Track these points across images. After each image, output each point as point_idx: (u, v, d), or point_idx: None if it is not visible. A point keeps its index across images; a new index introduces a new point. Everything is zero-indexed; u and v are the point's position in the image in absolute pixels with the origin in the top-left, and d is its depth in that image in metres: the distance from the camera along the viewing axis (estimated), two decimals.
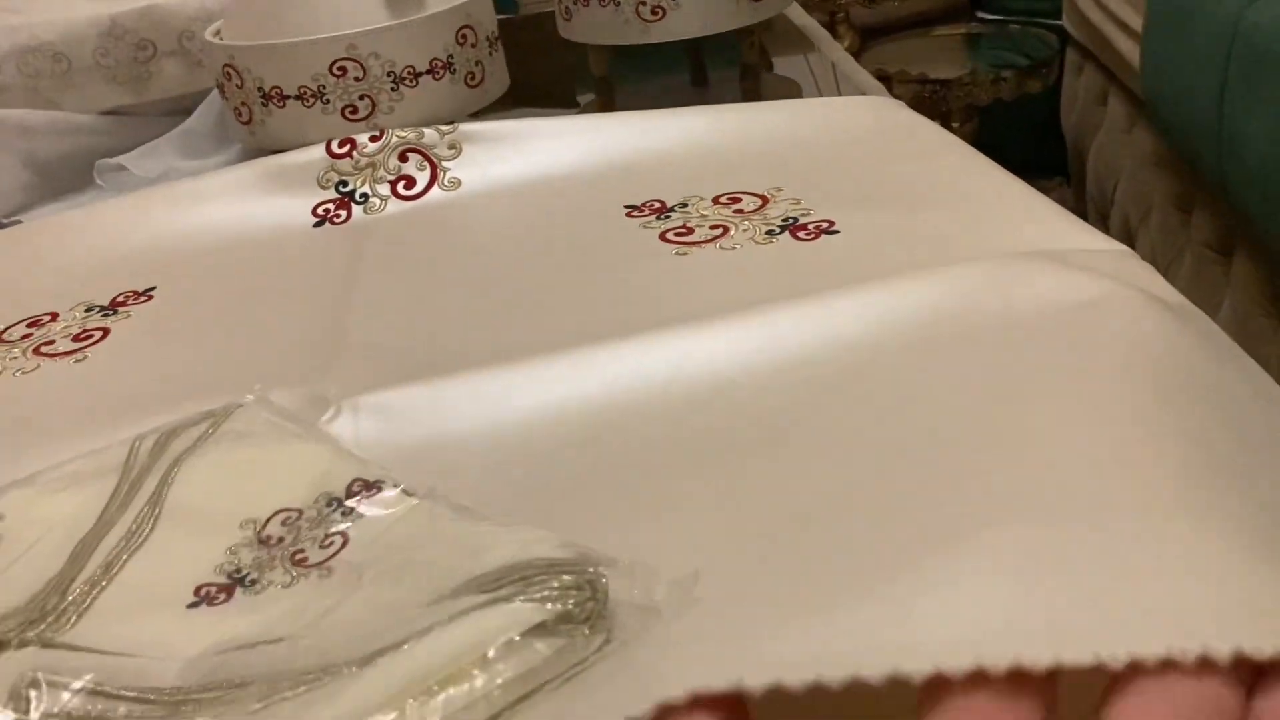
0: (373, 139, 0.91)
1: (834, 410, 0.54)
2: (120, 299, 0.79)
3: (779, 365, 0.58)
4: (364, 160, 0.91)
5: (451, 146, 0.91)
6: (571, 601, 0.39)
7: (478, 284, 0.75)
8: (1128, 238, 1.43)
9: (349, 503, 0.49)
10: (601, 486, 0.52)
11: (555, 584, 0.40)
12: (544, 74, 1.33)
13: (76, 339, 0.74)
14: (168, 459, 0.53)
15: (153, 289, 0.80)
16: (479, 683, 0.37)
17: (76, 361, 0.72)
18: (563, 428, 0.57)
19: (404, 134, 0.91)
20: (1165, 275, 0.61)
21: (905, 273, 0.63)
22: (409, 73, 0.96)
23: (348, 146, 0.91)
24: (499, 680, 0.37)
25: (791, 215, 0.75)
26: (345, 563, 0.45)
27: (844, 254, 0.69)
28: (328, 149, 0.91)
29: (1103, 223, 1.35)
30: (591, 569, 0.41)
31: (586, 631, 0.40)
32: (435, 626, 0.38)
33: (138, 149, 1.05)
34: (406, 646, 0.38)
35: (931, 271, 0.62)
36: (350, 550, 0.46)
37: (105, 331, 0.75)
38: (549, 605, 0.39)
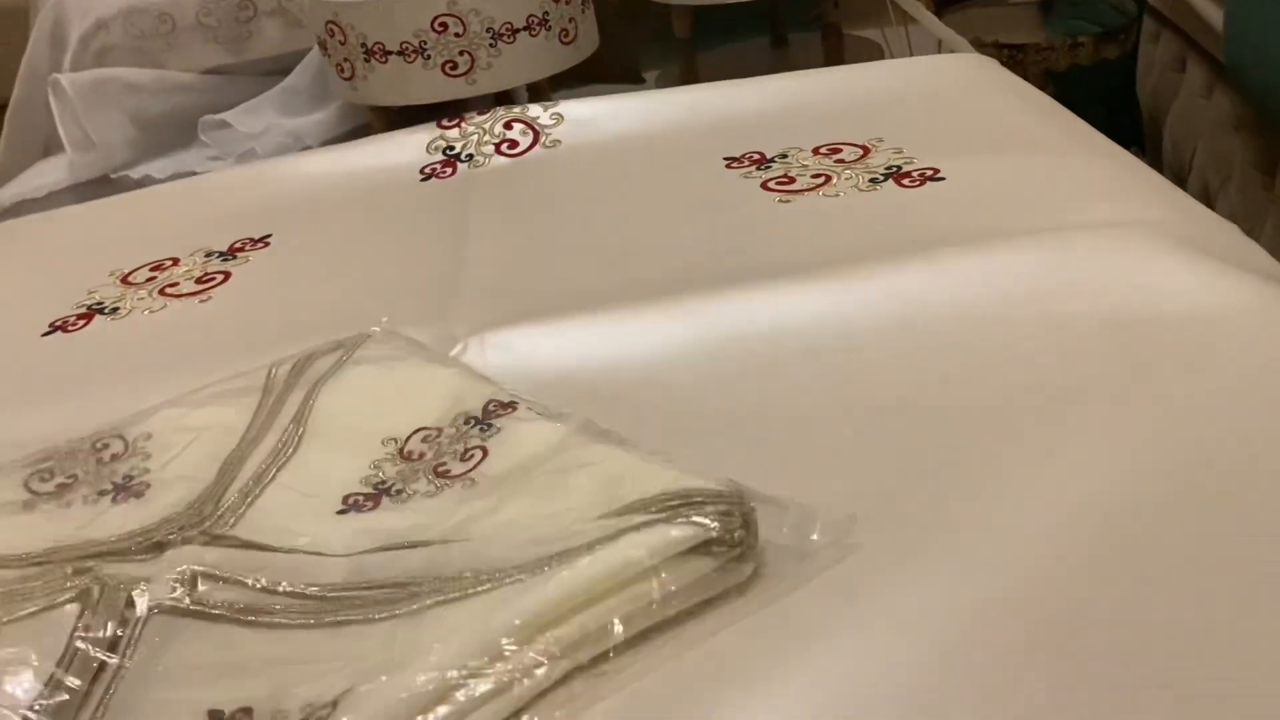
0: (480, 113, 0.95)
1: (950, 371, 0.55)
2: (238, 245, 0.82)
3: (895, 321, 0.59)
4: (470, 129, 0.93)
5: (553, 117, 0.93)
6: (723, 527, 0.40)
7: (582, 232, 0.76)
8: (1206, 203, 1.42)
9: (487, 420, 0.51)
10: (712, 428, 0.54)
11: (710, 509, 0.41)
12: (624, 39, 1.35)
13: (199, 281, 0.77)
14: (307, 382, 0.55)
15: (269, 236, 0.83)
16: (651, 593, 0.39)
17: (201, 302, 0.75)
18: (675, 369, 0.59)
19: (511, 109, 0.94)
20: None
21: (1018, 231, 0.63)
22: (507, 29, 0.98)
23: (456, 121, 0.95)
24: (669, 590, 0.39)
25: (894, 164, 0.76)
26: (486, 476, 0.47)
27: (951, 201, 0.70)
28: (438, 124, 0.94)
29: (1180, 188, 1.33)
30: (744, 502, 0.42)
31: (738, 558, 0.41)
32: (602, 541, 0.40)
33: (239, 106, 1.08)
34: (584, 560, 0.39)
35: (1044, 235, 0.62)
36: (490, 463, 0.48)
37: (226, 275, 0.78)
38: (708, 524, 0.40)
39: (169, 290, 0.77)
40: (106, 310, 0.75)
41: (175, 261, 0.81)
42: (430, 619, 0.40)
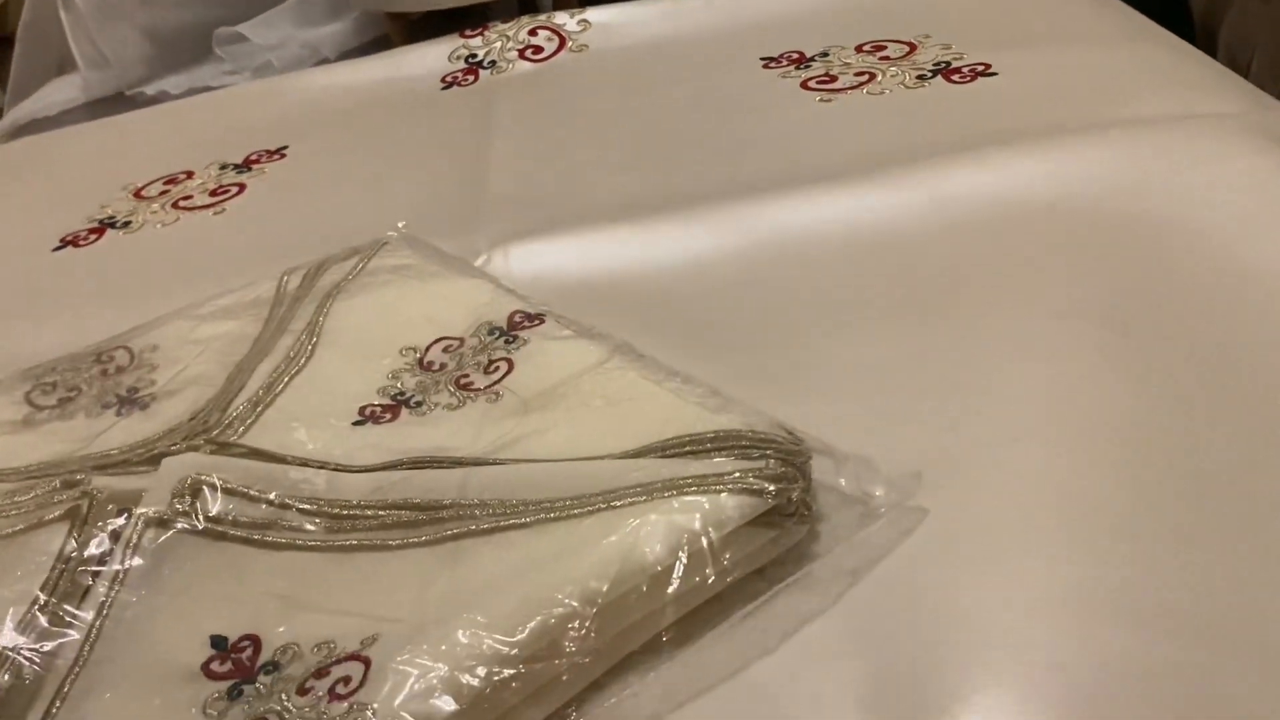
0: (504, 22, 0.90)
1: (999, 277, 0.50)
2: (254, 157, 0.79)
3: (943, 225, 0.55)
4: (494, 36, 0.89)
5: (580, 24, 0.89)
6: (780, 492, 0.36)
7: (612, 137, 0.72)
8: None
9: (512, 332, 0.47)
10: (750, 340, 0.50)
11: (762, 460, 0.37)
12: None
13: (214, 194, 0.74)
14: (320, 290, 0.52)
15: (285, 147, 0.79)
16: (705, 569, 0.34)
17: (215, 214, 0.72)
18: (710, 275, 0.55)
19: (536, 17, 0.90)
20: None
21: (1078, 127, 0.59)
22: None
23: (480, 30, 0.90)
24: (723, 564, 0.35)
25: (943, 59, 0.71)
26: (513, 392, 0.44)
27: (1005, 96, 0.65)
28: (460, 34, 0.90)
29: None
30: (801, 452, 0.38)
31: (793, 523, 0.37)
32: (655, 490, 0.35)
33: (255, 18, 1.04)
34: (632, 522, 0.35)
35: (1108, 131, 0.58)
36: (516, 378, 0.45)
37: (241, 187, 0.75)
38: (766, 490, 0.35)
39: (182, 203, 0.74)
40: (118, 224, 0.72)
41: (189, 175, 0.78)
42: (463, 556, 0.36)
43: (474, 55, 0.88)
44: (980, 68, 0.69)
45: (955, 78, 0.69)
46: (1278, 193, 0.50)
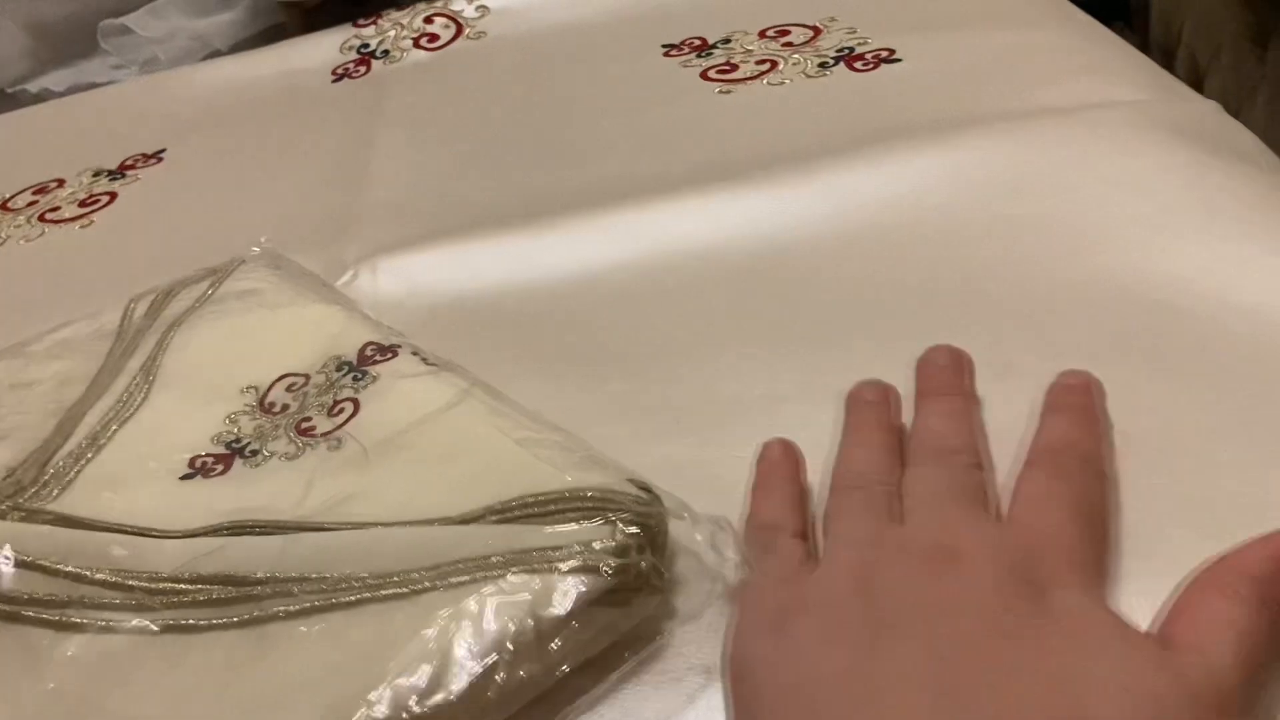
0: (399, 8, 0.86)
1: (905, 283, 0.47)
2: (129, 162, 0.74)
3: (845, 228, 0.51)
4: (388, 25, 0.85)
5: (479, 9, 0.85)
6: (622, 569, 0.32)
7: (505, 134, 0.69)
8: (1196, 78, 1.33)
9: (362, 367, 0.43)
10: (631, 367, 0.47)
11: (603, 535, 0.33)
12: None
13: (83, 204, 0.70)
14: (165, 321, 0.48)
15: (162, 151, 0.75)
16: (530, 658, 0.31)
17: (83, 227, 0.67)
18: (596, 290, 0.52)
19: (432, 3, 0.85)
20: (1239, 114, 0.55)
21: (981, 118, 0.56)
22: None
23: (373, 19, 0.86)
24: (554, 646, 0.31)
25: (847, 45, 0.68)
26: (355, 437, 0.40)
27: (906, 86, 0.62)
28: (354, 24, 0.86)
29: (1168, 63, 1.25)
30: (653, 514, 0.34)
31: (641, 597, 0.33)
32: (476, 579, 0.32)
33: (142, 8, 0.98)
34: (459, 589, 0.31)
35: (1011, 123, 0.55)
36: (361, 421, 0.41)
37: (112, 196, 0.70)
38: (604, 569, 0.32)
39: (49, 216, 0.69)
40: None
41: (60, 183, 0.73)
42: (275, 643, 0.32)
43: (366, 45, 0.84)
44: (884, 54, 0.65)
45: (858, 65, 0.65)
46: (1179, 193, 0.47)
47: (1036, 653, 0.28)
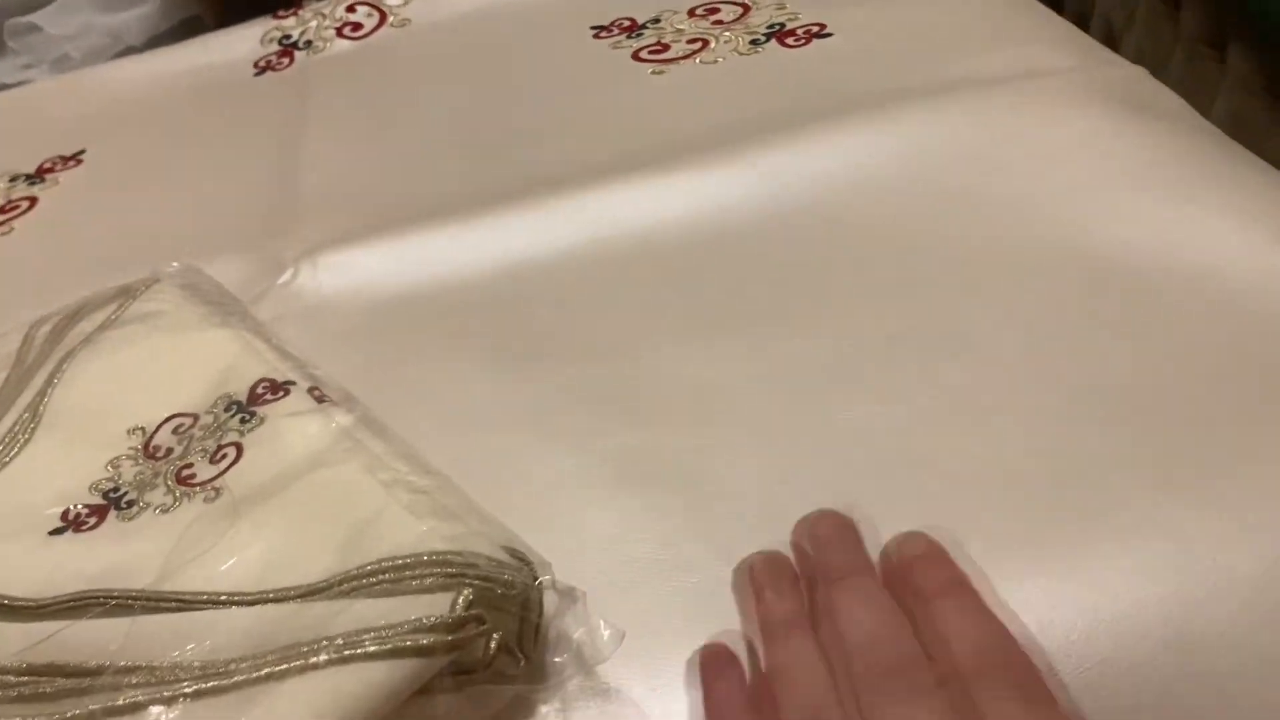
0: None
1: (837, 269, 0.48)
2: (47, 165, 0.72)
3: (781, 208, 0.52)
4: (309, 15, 0.83)
5: None
6: (453, 639, 0.31)
7: (435, 122, 0.68)
8: (1111, 41, 1.34)
9: (251, 407, 0.42)
10: (583, 340, 0.47)
11: (440, 613, 0.31)
12: None
13: (3, 211, 0.68)
14: (64, 348, 0.46)
15: (81, 152, 0.73)
16: None
17: (2, 235, 0.65)
18: (537, 279, 0.51)
19: None
20: (1155, 75, 0.56)
21: (912, 92, 0.56)
22: None
23: (294, 9, 0.84)
24: None
25: (777, 21, 0.68)
26: (232, 488, 0.38)
27: (837, 60, 0.62)
28: (274, 15, 0.84)
29: (1083, 25, 1.26)
30: (512, 588, 0.32)
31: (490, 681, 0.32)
32: (292, 669, 0.30)
33: (51, 5, 0.96)
34: (287, 684, 0.30)
35: (940, 97, 0.55)
36: (243, 466, 0.39)
37: (32, 201, 0.68)
38: (437, 651, 0.30)
39: None
40: None
41: None
42: None
43: (288, 36, 0.82)
44: (815, 28, 0.66)
45: (790, 41, 0.65)
46: (1114, 159, 0.48)
47: None
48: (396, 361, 0.47)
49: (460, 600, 0.31)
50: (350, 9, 0.83)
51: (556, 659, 0.33)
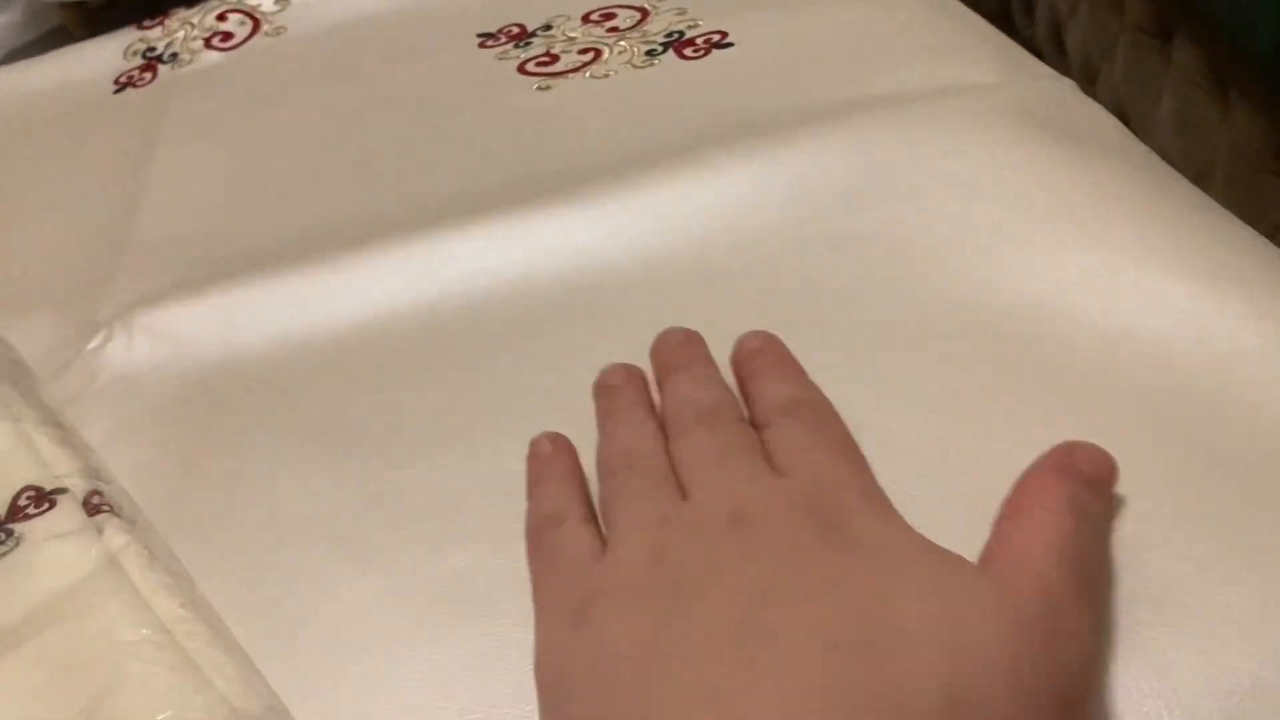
0: (189, 4, 0.77)
1: (737, 312, 0.41)
2: None
3: (670, 249, 0.45)
4: (176, 25, 0.76)
5: (278, 2, 0.76)
6: None
7: (302, 145, 0.61)
8: (1055, 32, 1.29)
9: (9, 524, 0.35)
10: (438, 418, 0.41)
11: None
12: None
13: None
14: None
15: None
16: None
17: None
18: (390, 339, 0.45)
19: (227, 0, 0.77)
20: (1100, 68, 0.50)
21: (816, 112, 0.50)
22: None
23: (159, 19, 0.77)
24: None
25: (676, 29, 0.61)
26: None
27: (737, 74, 0.56)
28: (138, 25, 0.77)
29: (1028, 16, 1.21)
30: None
31: None
32: None
33: None
34: None
35: (846, 117, 0.49)
36: None
37: None
38: None
39: None
40: None
41: None
42: None
43: (153, 49, 0.75)
44: (716, 37, 0.59)
45: (688, 51, 0.59)
46: (1031, 193, 0.42)
47: (843, 575, 0.27)
48: (202, 451, 0.41)
49: None
50: (221, 17, 0.75)
51: None
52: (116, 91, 0.72)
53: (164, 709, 0.28)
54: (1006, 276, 0.39)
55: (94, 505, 0.35)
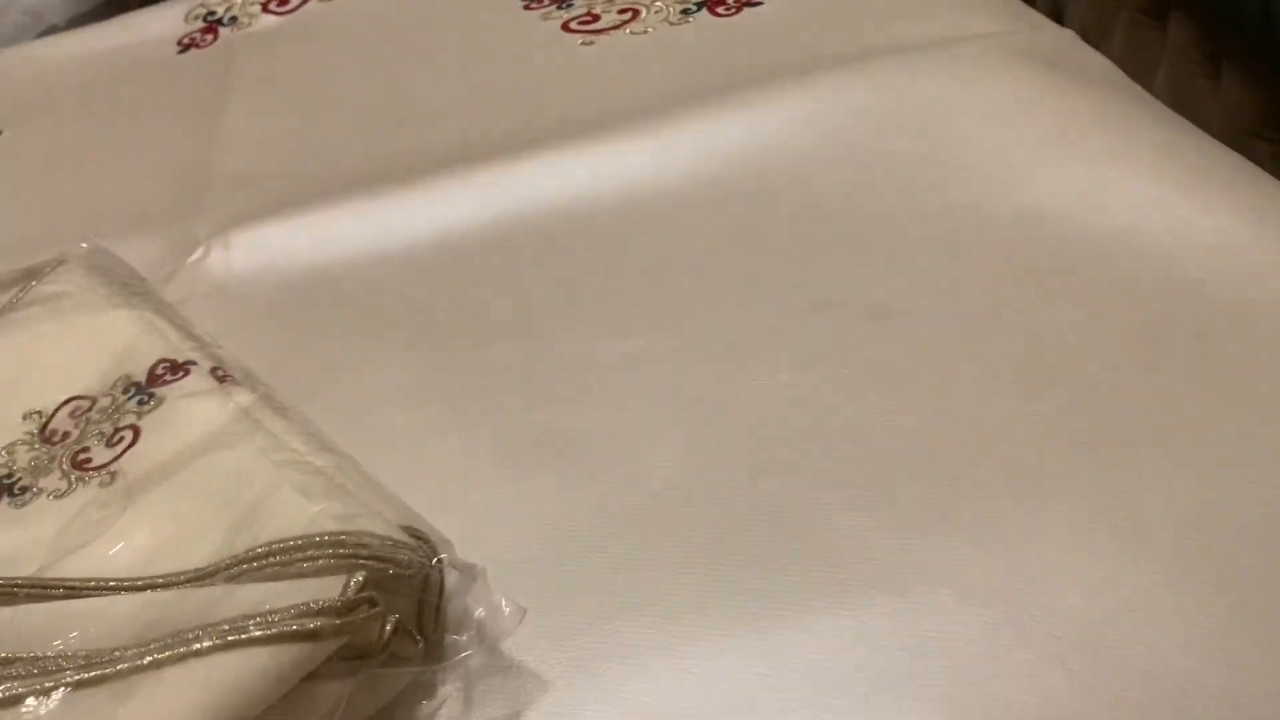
0: None
1: (768, 243, 0.46)
2: None
3: (712, 181, 0.50)
4: None
5: None
6: (342, 623, 0.30)
7: (361, 96, 0.66)
8: (1055, 10, 1.34)
9: (150, 388, 0.40)
10: (506, 316, 0.46)
11: (330, 597, 0.30)
12: None
13: None
14: None
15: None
16: None
17: None
18: (453, 256, 0.50)
19: None
20: (1098, 44, 0.55)
21: (844, 60, 0.55)
22: None
23: None
24: None
25: None
26: (128, 472, 0.37)
27: (769, 29, 0.61)
28: None
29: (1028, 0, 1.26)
30: (409, 568, 0.31)
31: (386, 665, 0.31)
32: (176, 655, 0.29)
33: None
34: (168, 672, 0.29)
35: (872, 64, 0.54)
36: (139, 449, 0.37)
37: None
38: (319, 633, 0.29)
39: None
40: None
41: None
42: None
43: (212, 13, 0.80)
44: None
45: (720, 10, 0.64)
46: (1044, 123, 0.47)
47: None
48: (305, 342, 0.46)
49: (352, 583, 0.30)
50: None
51: (457, 638, 0.32)
52: (180, 52, 0.77)
53: (318, 504, 0.32)
54: (1019, 189, 0.45)
55: (220, 375, 0.40)
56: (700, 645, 0.32)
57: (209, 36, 0.78)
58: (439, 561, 0.32)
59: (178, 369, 0.40)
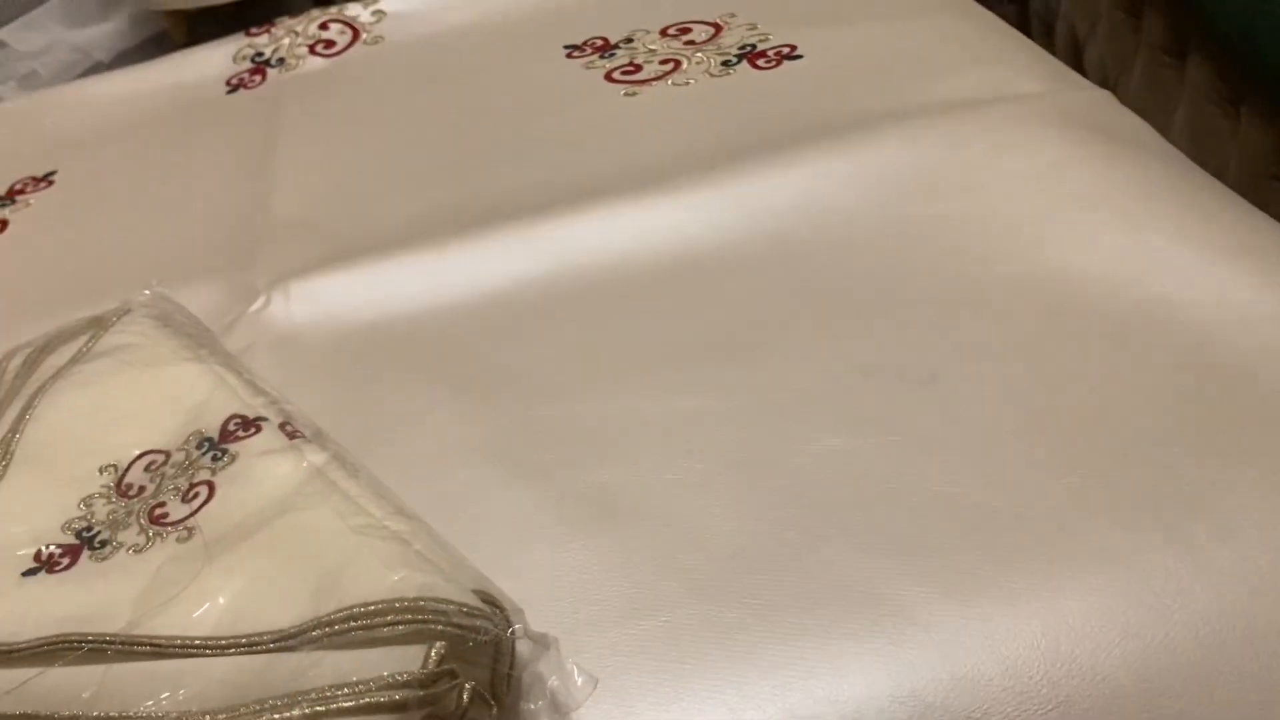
0: (293, 16, 0.84)
1: (811, 299, 0.48)
2: (18, 186, 0.72)
3: (750, 235, 0.52)
4: (281, 33, 0.83)
5: (375, 14, 0.83)
6: (425, 694, 0.31)
7: (408, 143, 0.68)
8: (1075, 49, 1.36)
9: (223, 444, 0.41)
10: (554, 371, 0.47)
11: (412, 670, 0.31)
12: None
13: None
14: (35, 383, 0.46)
15: (53, 173, 0.72)
16: None
17: None
18: (506, 309, 0.52)
19: (327, 10, 0.84)
20: (1117, 83, 0.57)
21: (881, 116, 0.57)
22: None
23: (266, 27, 0.84)
24: None
25: (749, 42, 0.68)
26: (204, 528, 0.38)
27: (808, 83, 0.63)
28: (246, 32, 0.84)
29: (1047, 37, 1.28)
30: (483, 634, 0.32)
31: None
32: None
33: (16, 21, 0.95)
34: None
35: (909, 122, 0.55)
36: (215, 506, 0.39)
37: (4, 224, 0.68)
38: (405, 704, 0.31)
39: None
40: None
41: None
42: None
43: (261, 54, 0.82)
44: (786, 50, 0.66)
45: (761, 62, 0.66)
46: (1083, 186, 0.49)
47: None
48: (366, 394, 0.48)
49: (433, 653, 0.31)
50: (323, 26, 0.83)
51: (530, 705, 0.33)
52: (229, 92, 0.79)
53: (398, 572, 0.34)
54: (1058, 254, 0.46)
55: (290, 432, 0.42)
56: (763, 710, 0.34)
57: (257, 77, 0.80)
58: (513, 631, 0.33)
59: (249, 425, 0.42)
